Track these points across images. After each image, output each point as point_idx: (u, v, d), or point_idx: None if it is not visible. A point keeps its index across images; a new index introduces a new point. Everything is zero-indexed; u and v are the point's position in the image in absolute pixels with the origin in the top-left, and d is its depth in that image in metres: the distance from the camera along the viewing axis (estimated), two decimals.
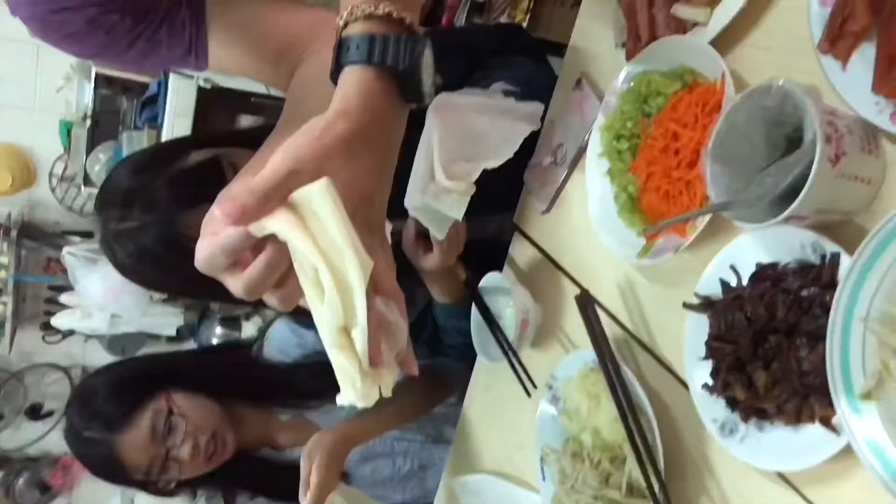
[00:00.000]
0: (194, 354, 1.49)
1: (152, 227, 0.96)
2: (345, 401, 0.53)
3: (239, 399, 1.42)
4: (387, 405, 1.39)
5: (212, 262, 0.53)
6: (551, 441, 0.99)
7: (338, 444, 1.23)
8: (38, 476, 3.31)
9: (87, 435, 1.28)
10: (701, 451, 0.80)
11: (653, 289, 0.89)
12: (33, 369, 3.24)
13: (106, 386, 1.31)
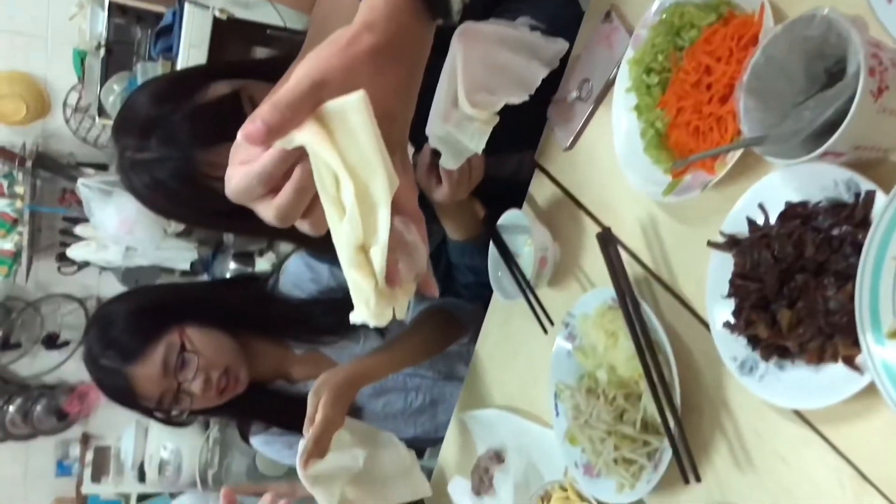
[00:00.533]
0: (211, 286, 1.48)
1: (169, 162, 0.95)
2: (357, 319, 0.53)
3: (254, 333, 1.43)
4: (399, 344, 1.41)
5: (248, 192, 0.53)
6: (565, 378, 0.99)
7: (346, 383, 1.24)
8: (55, 403, 3.39)
9: (102, 362, 1.29)
10: (718, 389, 0.80)
11: (676, 227, 0.88)
12: (49, 299, 3.28)
13: (123, 315, 1.32)
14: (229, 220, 1.05)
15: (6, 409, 3.31)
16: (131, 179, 1.00)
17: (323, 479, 1.09)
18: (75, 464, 3.51)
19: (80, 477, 3.47)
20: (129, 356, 1.27)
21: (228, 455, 2.71)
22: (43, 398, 3.37)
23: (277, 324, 1.45)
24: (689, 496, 0.83)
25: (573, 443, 0.96)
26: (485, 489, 1.18)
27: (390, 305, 0.52)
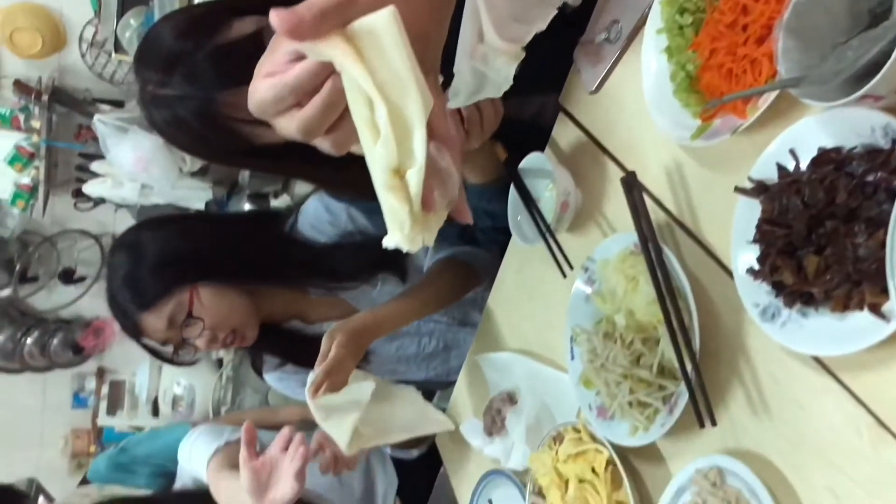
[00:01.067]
0: (232, 226, 1.45)
1: (191, 101, 0.94)
2: (391, 243, 0.52)
3: (272, 281, 1.44)
4: (416, 294, 1.41)
5: (276, 102, 0.52)
6: (582, 322, 0.99)
7: (362, 330, 1.25)
8: (71, 338, 3.44)
9: (117, 297, 1.31)
10: (738, 335, 0.80)
11: (702, 173, 0.87)
12: (65, 235, 3.30)
13: (146, 255, 1.31)
14: (250, 158, 1.04)
15: (24, 342, 3.36)
16: (152, 114, 0.99)
17: (332, 409, 1.10)
18: (91, 396, 3.59)
19: (95, 409, 3.55)
20: (140, 303, 1.29)
21: (241, 392, 2.76)
22: (59, 332, 3.42)
23: (296, 270, 1.44)
24: (703, 440, 0.83)
25: (588, 386, 0.97)
26: (496, 430, 1.19)
27: (423, 231, 0.51)
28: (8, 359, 3.39)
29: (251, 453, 1.06)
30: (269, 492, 1.07)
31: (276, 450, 1.08)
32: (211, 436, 1.45)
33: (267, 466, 1.07)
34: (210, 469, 1.36)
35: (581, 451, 0.95)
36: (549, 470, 1.00)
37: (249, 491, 1.07)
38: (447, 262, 1.46)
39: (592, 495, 0.92)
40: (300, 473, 1.03)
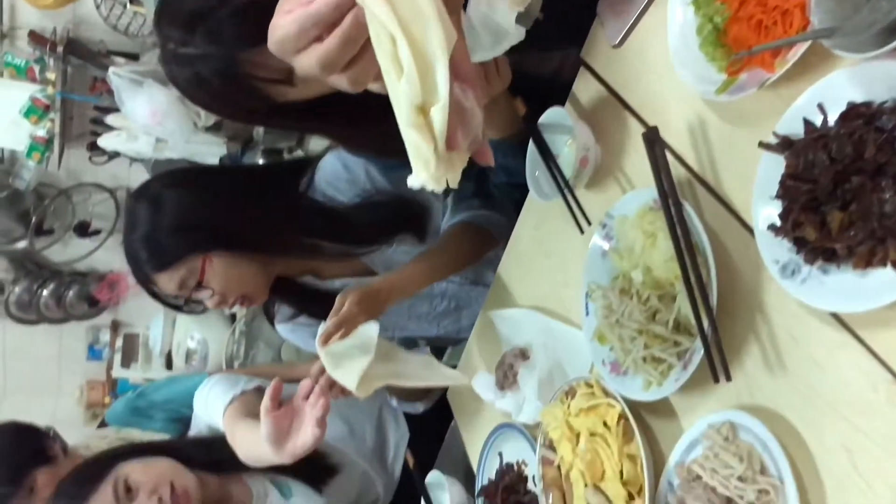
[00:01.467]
0: (250, 187, 1.43)
1: (213, 60, 0.93)
2: (416, 182, 0.52)
3: (287, 254, 1.44)
4: (431, 259, 1.41)
5: (298, 36, 0.51)
6: (598, 279, 0.99)
7: (374, 293, 1.25)
8: (87, 290, 3.48)
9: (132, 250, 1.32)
10: (755, 292, 0.79)
11: (725, 129, 0.86)
12: (80, 188, 3.32)
13: (163, 215, 1.30)
14: (271, 117, 1.03)
15: (40, 293, 3.41)
16: (173, 72, 0.98)
17: (341, 357, 1.12)
18: (105, 349, 3.64)
19: (110, 361, 3.61)
20: (154, 263, 1.30)
21: (254, 347, 2.79)
22: (75, 284, 3.46)
23: (313, 238, 1.44)
24: (716, 396, 0.84)
25: (602, 341, 0.97)
26: (508, 384, 1.20)
27: (447, 171, 0.51)
28: (24, 310, 3.43)
29: (274, 404, 1.06)
30: (289, 439, 1.08)
31: (297, 399, 1.09)
32: (227, 384, 1.46)
33: (288, 415, 1.08)
34: (226, 417, 1.38)
35: (593, 406, 0.96)
36: (560, 423, 1.01)
37: (270, 439, 1.08)
38: (463, 227, 1.46)
39: (603, 448, 0.93)
40: (322, 421, 1.04)
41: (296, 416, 1.09)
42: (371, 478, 1.66)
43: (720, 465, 0.78)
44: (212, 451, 1.45)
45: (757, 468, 0.75)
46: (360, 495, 1.66)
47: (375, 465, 1.66)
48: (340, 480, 1.57)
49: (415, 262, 1.39)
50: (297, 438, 1.08)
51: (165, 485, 1.29)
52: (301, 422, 1.08)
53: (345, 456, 1.59)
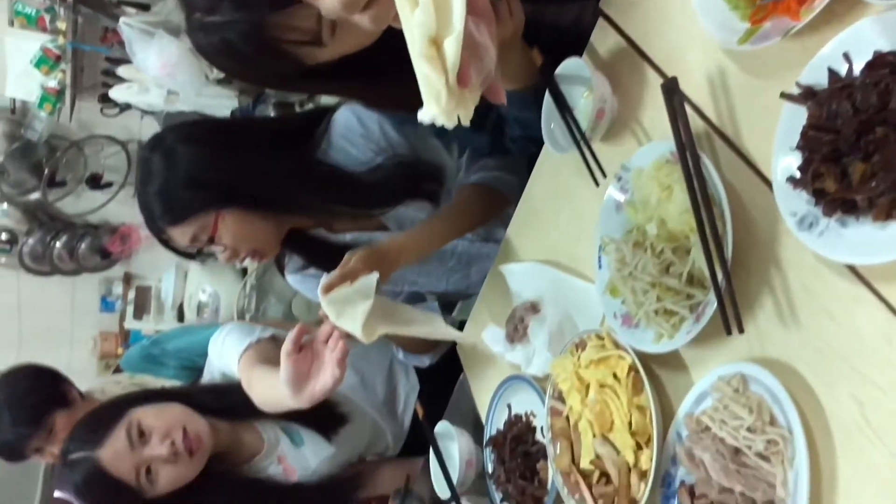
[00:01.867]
0: (264, 142, 1.42)
1: (241, 25, 0.92)
2: (426, 117, 0.51)
3: (299, 212, 1.44)
4: (441, 220, 1.41)
5: None
6: (612, 232, 0.99)
7: (383, 253, 1.26)
8: (99, 242, 3.51)
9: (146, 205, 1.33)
10: (771, 245, 0.79)
11: (746, 80, 0.84)
12: (92, 140, 3.32)
13: (176, 168, 1.30)
14: (301, 81, 1.02)
15: (53, 245, 3.43)
16: (200, 41, 0.97)
17: (343, 304, 1.13)
18: (118, 301, 3.68)
19: (122, 313, 3.65)
20: (166, 218, 1.31)
21: (265, 300, 2.81)
22: (87, 237, 3.48)
23: (326, 199, 1.43)
24: (727, 349, 0.84)
25: (614, 294, 0.97)
26: (518, 338, 1.20)
27: (459, 107, 0.50)
28: (38, 262, 3.46)
29: (295, 347, 1.08)
30: (308, 383, 1.09)
31: (316, 343, 1.10)
32: (243, 332, 1.48)
33: (307, 359, 1.09)
34: (242, 363, 1.40)
35: (603, 357, 0.96)
36: (570, 375, 1.01)
37: (289, 382, 1.09)
38: (476, 188, 1.45)
39: (613, 399, 0.93)
40: (341, 363, 1.06)
41: (315, 360, 1.10)
42: (381, 428, 1.68)
43: (729, 416, 0.79)
44: (224, 398, 1.47)
45: (766, 419, 0.75)
46: (370, 445, 1.69)
47: (385, 415, 1.69)
48: (350, 430, 1.59)
49: (425, 225, 1.39)
50: (315, 382, 1.09)
51: (178, 429, 1.31)
52: (320, 365, 1.09)
53: (356, 406, 1.61)
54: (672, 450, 0.87)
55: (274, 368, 1.28)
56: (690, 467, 0.83)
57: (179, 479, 1.32)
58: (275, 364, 1.35)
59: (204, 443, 1.34)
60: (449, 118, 0.51)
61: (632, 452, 0.91)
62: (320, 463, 1.55)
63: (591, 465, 0.97)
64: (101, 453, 1.28)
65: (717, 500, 0.79)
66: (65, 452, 1.32)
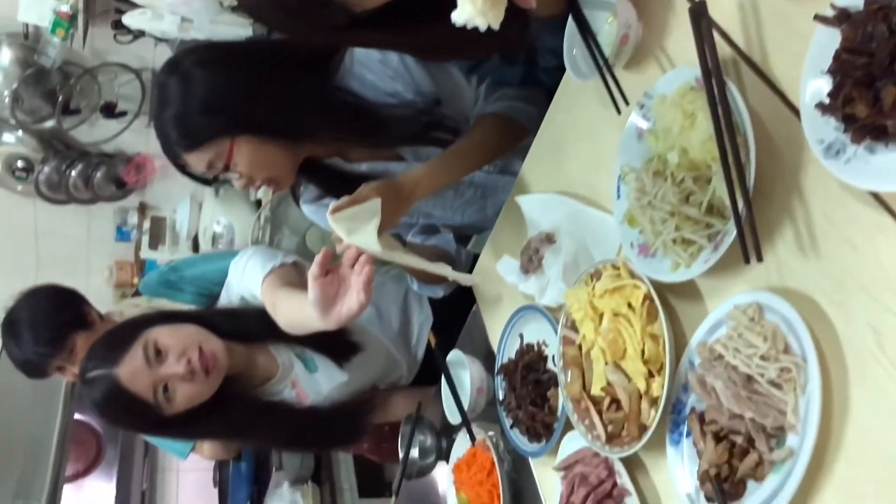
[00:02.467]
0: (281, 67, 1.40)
1: None
2: (461, 18, 0.50)
3: (315, 141, 1.42)
4: (459, 152, 1.39)
5: None
6: (632, 161, 0.98)
7: (398, 186, 1.26)
8: (114, 171, 3.51)
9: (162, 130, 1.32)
10: (795, 174, 0.78)
11: (777, 3, 0.82)
12: (106, 68, 3.28)
13: (192, 92, 1.29)
14: (348, 32, 1.00)
15: (69, 174, 3.44)
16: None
17: (352, 221, 1.15)
18: (133, 231, 3.70)
19: (137, 243, 3.68)
20: (182, 144, 1.30)
21: (279, 232, 2.82)
22: (102, 166, 3.48)
23: (343, 130, 1.42)
24: (744, 279, 0.84)
25: (631, 224, 0.97)
26: (533, 268, 1.21)
27: (493, 7, 0.49)
28: (54, 190, 3.48)
29: (322, 270, 1.08)
30: (336, 305, 1.10)
31: (343, 268, 1.10)
32: (266, 255, 1.50)
33: (335, 282, 1.10)
34: (265, 286, 1.41)
35: (618, 287, 0.97)
36: (584, 304, 1.02)
37: (317, 304, 1.10)
38: (494, 119, 1.43)
39: (626, 328, 0.94)
40: (367, 287, 1.06)
41: (342, 284, 1.10)
42: (395, 358, 1.71)
43: (743, 344, 0.79)
44: (239, 321, 1.49)
45: (780, 347, 0.76)
46: (384, 374, 1.72)
47: (400, 346, 1.71)
48: (364, 358, 1.62)
49: (443, 158, 1.37)
50: (342, 304, 1.10)
51: (194, 348, 1.34)
52: (347, 289, 1.10)
53: (370, 336, 1.63)
54: (684, 378, 0.88)
55: (299, 292, 1.30)
56: (702, 394, 0.84)
57: (196, 396, 1.35)
58: (298, 288, 1.37)
59: (220, 362, 1.36)
60: (483, 18, 0.50)
61: (643, 380, 0.92)
62: (333, 389, 1.58)
63: (602, 391, 0.98)
64: (119, 371, 1.31)
65: (727, 426, 0.80)
66: (83, 371, 1.35)
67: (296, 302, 1.28)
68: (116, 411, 1.34)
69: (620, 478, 0.98)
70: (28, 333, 1.63)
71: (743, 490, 0.79)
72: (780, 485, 0.73)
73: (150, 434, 1.58)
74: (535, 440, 1.18)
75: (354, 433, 1.60)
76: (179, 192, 3.49)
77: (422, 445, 1.50)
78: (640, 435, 0.92)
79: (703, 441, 0.83)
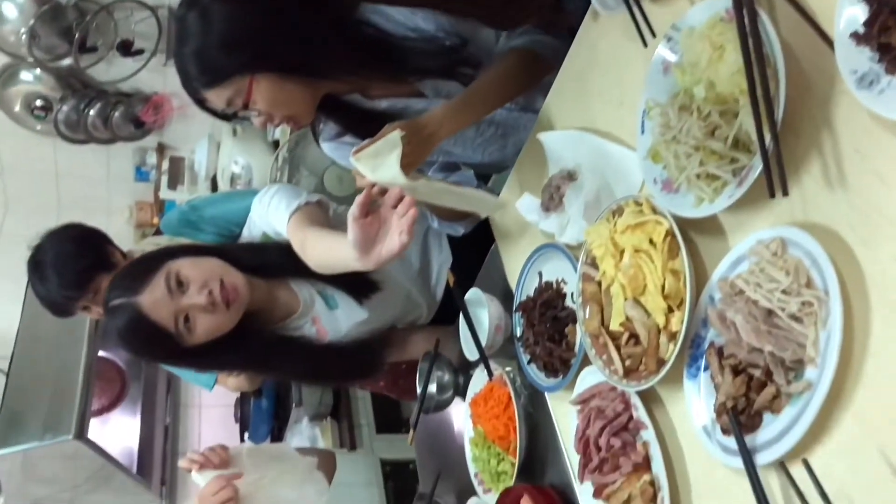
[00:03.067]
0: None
1: None
2: None
3: (334, 78, 1.40)
4: (481, 89, 1.37)
5: None
6: (657, 95, 0.96)
7: (421, 126, 1.24)
8: (132, 111, 3.50)
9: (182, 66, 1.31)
10: (825, 106, 0.76)
11: None
12: (121, 4, 3.24)
13: (206, 34, 1.28)
14: None
15: (87, 113, 3.44)
16: None
17: (375, 158, 1.15)
18: (152, 171, 3.71)
19: (157, 183, 3.70)
20: (202, 80, 1.30)
21: (297, 174, 2.82)
22: (120, 105, 3.47)
23: (364, 65, 1.40)
24: (768, 213, 0.83)
25: (655, 159, 0.96)
26: (553, 206, 1.20)
27: None
28: (73, 129, 3.49)
29: (362, 211, 1.07)
30: (376, 246, 1.10)
31: (384, 209, 1.09)
32: (292, 192, 1.50)
33: (375, 223, 1.09)
34: (291, 223, 1.42)
35: (640, 223, 0.96)
36: (605, 241, 1.01)
37: (357, 244, 1.09)
38: (518, 54, 1.40)
39: (647, 264, 0.94)
40: (409, 229, 1.05)
41: (382, 225, 1.10)
42: (414, 298, 1.72)
43: (765, 279, 0.79)
44: (261, 255, 1.50)
45: (803, 282, 0.75)
46: (403, 314, 1.74)
47: (419, 286, 1.72)
48: (383, 297, 1.63)
49: (465, 96, 1.36)
50: (382, 246, 1.10)
51: (215, 280, 1.35)
52: (387, 230, 1.09)
53: (390, 275, 1.64)
54: (703, 313, 0.88)
55: (330, 232, 1.30)
56: (721, 329, 0.84)
57: (216, 328, 1.37)
58: (324, 227, 1.37)
59: (241, 295, 1.38)
60: None
61: (662, 315, 0.92)
62: (352, 327, 1.60)
63: (621, 327, 0.99)
64: (141, 299, 1.32)
65: (746, 360, 0.81)
66: (107, 301, 1.37)
67: (328, 242, 1.29)
68: (138, 339, 1.36)
69: (637, 411, 1.00)
70: (53, 276, 1.65)
71: (759, 422, 0.80)
72: (796, 416, 0.74)
73: (171, 364, 1.60)
74: (551, 375, 1.20)
75: (372, 367, 1.62)
76: (197, 132, 3.49)
77: (439, 381, 1.53)
78: (657, 369, 0.92)
79: (721, 374, 0.84)
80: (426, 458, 1.77)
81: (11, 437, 2.47)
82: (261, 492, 1.42)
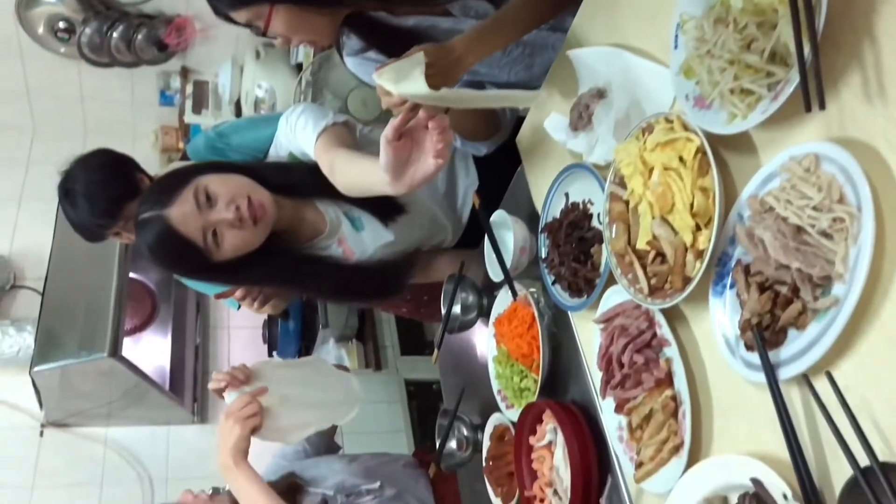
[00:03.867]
0: None
1: None
2: None
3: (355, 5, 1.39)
4: (516, 13, 1.34)
5: None
6: (692, 9, 0.93)
7: (448, 50, 1.23)
8: (155, 34, 3.47)
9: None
10: (868, 16, 0.73)
11: None
12: None
13: None
14: None
15: (110, 35, 3.41)
16: None
17: (397, 71, 1.14)
18: (177, 95, 3.70)
19: (181, 107, 3.69)
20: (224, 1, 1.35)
21: (321, 96, 2.79)
22: (143, 27, 3.44)
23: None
24: (801, 130, 0.81)
25: (688, 75, 0.94)
26: (582, 125, 1.19)
27: None
28: (97, 52, 3.47)
29: (396, 134, 1.06)
30: (409, 169, 1.09)
31: (417, 131, 1.07)
32: (318, 113, 1.50)
33: (408, 146, 1.08)
34: (319, 144, 1.42)
35: (670, 140, 0.95)
36: (634, 159, 1.00)
37: (390, 168, 1.09)
38: None
39: (676, 181, 0.93)
40: (443, 151, 1.04)
41: (415, 148, 1.09)
42: (440, 222, 1.73)
43: (796, 196, 0.78)
44: (289, 175, 1.51)
45: (835, 198, 0.74)
46: (429, 237, 1.74)
47: (445, 209, 1.73)
48: (409, 220, 1.64)
49: (495, 19, 1.33)
50: (416, 168, 1.09)
51: (243, 196, 1.36)
52: (421, 153, 1.08)
53: (416, 198, 1.64)
54: (731, 230, 0.88)
55: (360, 154, 1.31)
56: (749, 246, 0.84)
57: (244, 244, 1.39)
58: (353, 149, 1.38)
59: (267, 212, 1.39)
60: None
61: (690, 233, 0.92)
62: (378, 248, 1.62)
63: (648, 245, 0.99)
64: (170, 212, 1.34)
65: (773, 277, 0.80)
66: (138, 215, 1.39)
67: (359, 164, 1.29)
68: (167, 252, 1.37)
69: (661, 328, 1.01)
70: (84, 204, 1.66)
71: (783, 338, 0.80)
72: (821, 332, 0.74)
73: (199, 278, 1.62)
74: (576, 295, 1.21)
75: (397, 287, 1.64)
76: (221, 55, 3.46)
77: (464, 302, 1.55)
78: (683, 287, 0.93)
79: (747, 292, 0.84)
80: (450, 377, 1.81)
81: (50, 353, 2.56)
82: (284, 404, 1.48)
